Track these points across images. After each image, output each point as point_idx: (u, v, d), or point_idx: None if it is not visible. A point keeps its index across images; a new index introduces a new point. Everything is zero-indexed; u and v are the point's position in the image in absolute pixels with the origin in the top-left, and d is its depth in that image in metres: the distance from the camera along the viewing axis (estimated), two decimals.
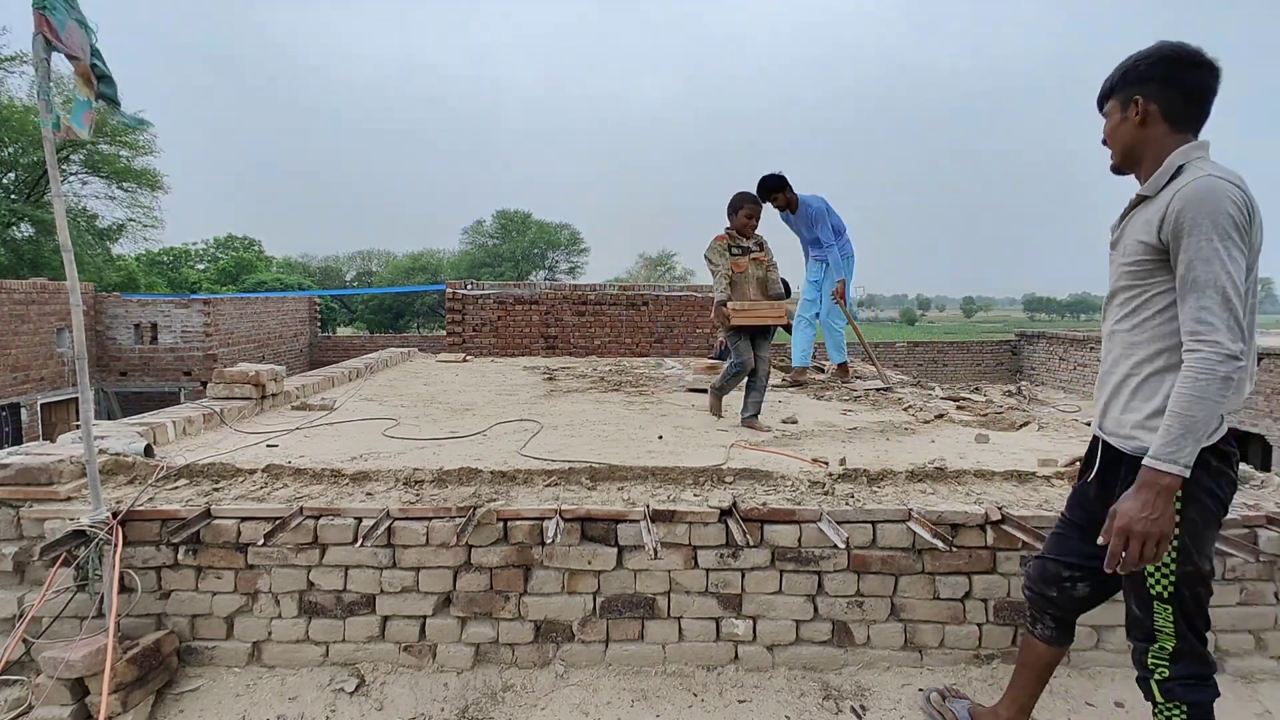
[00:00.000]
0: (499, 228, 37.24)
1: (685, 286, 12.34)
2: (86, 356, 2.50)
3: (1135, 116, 1.68)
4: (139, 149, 19.22)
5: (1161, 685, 1.68)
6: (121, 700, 2.25)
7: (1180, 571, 1.63)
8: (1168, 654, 1.68)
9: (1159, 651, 1.69)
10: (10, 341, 11.25)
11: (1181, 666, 1.67)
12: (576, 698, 2.44)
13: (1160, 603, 1.66)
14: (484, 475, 2.82)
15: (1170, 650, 1.67)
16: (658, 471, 2.88)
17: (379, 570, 2.56)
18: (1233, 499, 1.69)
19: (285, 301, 17.96)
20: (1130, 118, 1.69)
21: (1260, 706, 2.41)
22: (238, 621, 2.58)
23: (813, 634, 2.59)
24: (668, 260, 41.17)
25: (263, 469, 2.89)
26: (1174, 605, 1.65)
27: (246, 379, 4.37)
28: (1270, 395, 11.26)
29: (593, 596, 2.58)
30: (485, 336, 11.70)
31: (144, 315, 13.97)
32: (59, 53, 2.27)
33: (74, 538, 2.41)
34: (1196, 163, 1.60)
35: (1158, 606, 1.66)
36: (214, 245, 34.72)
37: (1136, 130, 1.69)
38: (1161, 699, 1.68)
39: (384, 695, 2.45)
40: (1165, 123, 1.66)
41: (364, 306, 32.76)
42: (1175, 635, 1.66)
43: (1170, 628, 1.66)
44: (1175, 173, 1.62)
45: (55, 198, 2.44)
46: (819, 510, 2.57)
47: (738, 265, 4.04)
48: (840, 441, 3.66)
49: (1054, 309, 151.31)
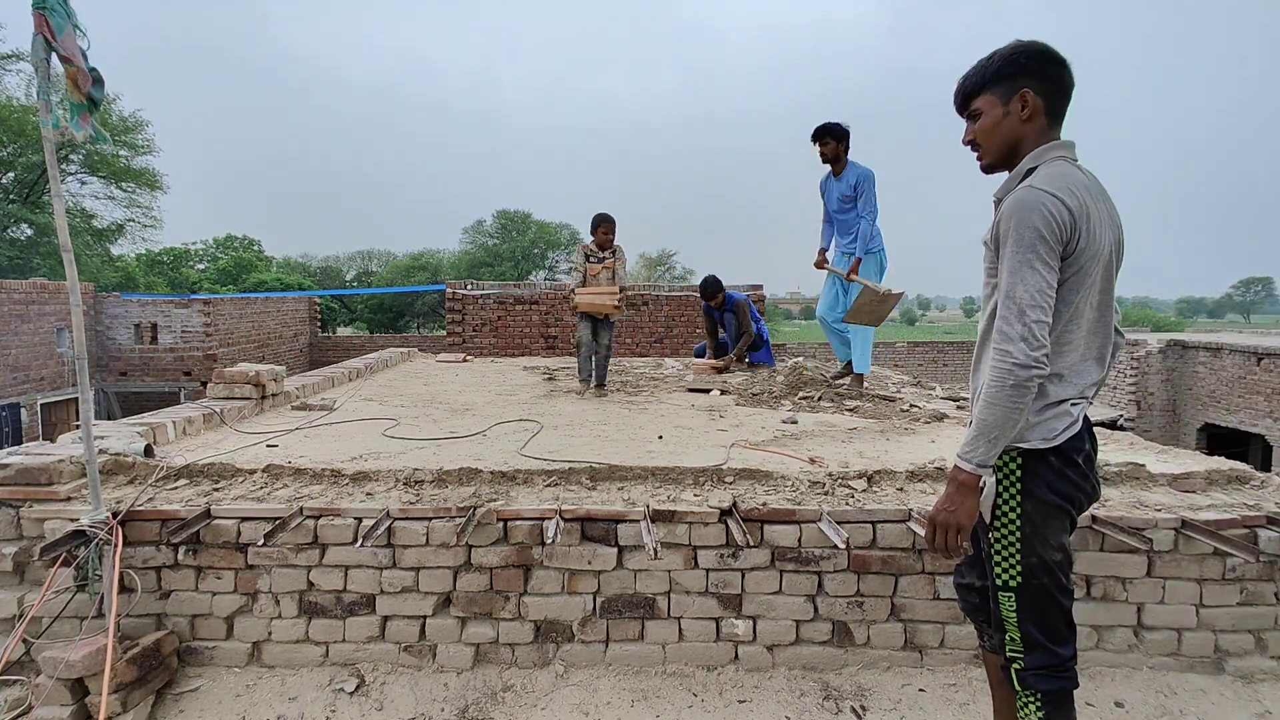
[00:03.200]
0: (499, 228, 37.23)
1: (685, 286, 12.34)
2: (86, 356, 2.50)
3: (1022, 110, 1.65)
4: (138, 149, 19.20)
5: (1019, 675, 1.73)
6: (121, 700, 2.25)
7: (1025, 562, 1.67)
8: (1019, 643, 1.72)
9: (1012, 641, 1.74)
10: (10, 341, 11.24)
11: (1035, 657, 1.71)
12: (576, 698, 2.44)
13: (1004, 592, 1.71)
14: (484, 475, 2.82)
15: (1018, 640, 1.72)
16: (658, 471, 2.88)
17: (379, 570, 2.56)
18: (1090, 494, 1.72)
19: (285, 301, 17.95)
20: (1014, 111, 1.66)
21: (1260, 706, 2.41)
22: (238, 622, 2.58)
23: (813, 634, 2.59)
24: (667, 260, 41.17)
25: (263, 469, 2.89)
26: (1016, 594, 1.70)
27: (246, 379, 4.36)
28: (1270, 395, 11.26)
29: (593, 596, 2.59)
30: (485, 336, 11.70)
31: (144, 315, 13.96)
32: (55, 53, 2.27)
33: (74, 538, 2.41)
34: (1044, 166, 1.62)
35: (1002, 596, 1.72)
36: (214, 245, 34.69)
37: (1020, 125, 1.66)
38: (1019, 688, 1.73)
39: (384, 695, 2.45)
40: (1045, 117, 1.65)
41: (364, 306, 32.74)
42: (1017, 624, 1.71)
43: (1014, 616, 1.71)
44: (1024, 176, 1.64)
45: (55, 198, 2.44)
46: (819, 510, 2.57)
47: (591, 270, 5.37)
48: (840, 441, 3.66)
49: None
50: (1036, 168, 1.63)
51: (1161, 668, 2.56)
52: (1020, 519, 1.66)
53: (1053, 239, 1.54)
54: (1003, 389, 1.55)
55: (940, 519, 1.65)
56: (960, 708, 2.39)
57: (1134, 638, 2.57)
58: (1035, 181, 1.58)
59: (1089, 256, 1.59)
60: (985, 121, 1.70)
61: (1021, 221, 1.55)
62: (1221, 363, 12.29)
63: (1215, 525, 2.50)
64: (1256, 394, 11.51)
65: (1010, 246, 1.57)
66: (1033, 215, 1.54)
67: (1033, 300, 1.54)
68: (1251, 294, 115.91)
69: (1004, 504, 1.69)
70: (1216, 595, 2.55)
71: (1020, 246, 1.55)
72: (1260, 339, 13.63)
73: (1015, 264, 1.56)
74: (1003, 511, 1.69)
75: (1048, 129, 1.66)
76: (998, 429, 1.58)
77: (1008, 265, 1.57)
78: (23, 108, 16.86)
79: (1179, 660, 2.56)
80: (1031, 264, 1.54)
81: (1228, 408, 12.13)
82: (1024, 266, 1.55)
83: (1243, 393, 11.79)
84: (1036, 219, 1.53)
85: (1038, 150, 1.65)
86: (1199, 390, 12.82)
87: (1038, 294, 1.54)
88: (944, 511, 1.64)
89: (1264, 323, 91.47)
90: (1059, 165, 1.63)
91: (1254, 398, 11.56)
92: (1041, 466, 1.65)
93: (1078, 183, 1.59)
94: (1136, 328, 28.57)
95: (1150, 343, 13.54)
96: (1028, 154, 1.67)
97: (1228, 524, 2.52)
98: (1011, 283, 1.56)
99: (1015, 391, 1.55)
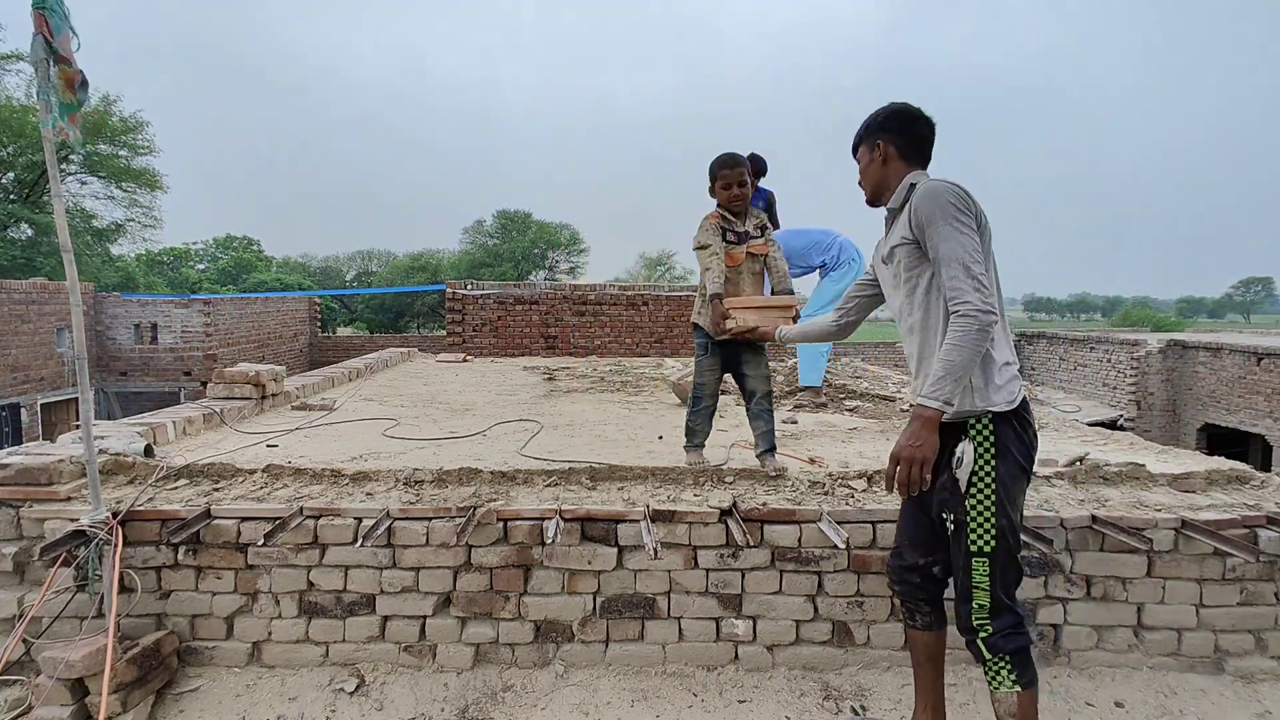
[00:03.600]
0: (499, 228, 37.21)
1: (685, 287, 12.34)
2: (86, 356, 2.50)
3: (879, 156, 2.05)
4: (137, 149, 19.20)
5: (986, 641, 1.85)
6: (121, 700, 2.25)
7: (999, 524, 1.82)
8: (986, 610, 1.85)
9: (979, 610, 1.86)
10: (10, 341, 11.24)
11: (1002, 619, 1.85)
12: (576, 698, 2.44)
13: (978, 558, 1.84)
14: (484, 475, 2.82)
15: (987, 606, 1.85)
16: (658, 471, 2.88)
17: (379, 570, 2.56)
18: (1035, 459, 1.91)
19: (285, 301, 17.96)
20: (875, 158, 2.05)
21: (1260, 706, 2.41)
22: (238, 622, 2.58)
23: (813, 634, 2.59)
24: (668, 260, 41.13)
25: (263, 469, 2.89)
26: (992, 559, 1.83)
27: (246, 379, 4.37)
28: (1270, 395, 11.26)
29: (593, 596, 2.59)
30: (485, 336, 11.70)
31: (144, 315, 13.96)
32: (54, 54, 2.27)
33: (74, 538, 2.41)
34: (920, 181, 1.94)
35: (975, 563, 1.85)
36: (214, 245, 34.71)
37: (880, 168, 2.05)
38: (989, 655, 1.85)
39: (384, 695, 2.45)
40: (900, 159, 2.03)
41: (364, 306, 32.75)
42: (989, 589, 1.84)
43: (985, 582, 1.84)
44: (909, 190, 1.95)
45: (55, 198, 2.44)
46: (819, 510, 2.57)
47: (732, 258, 3.09)
48: (840, 441, 3.66)
49: (1054, 309, 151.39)
50: (916, 183, 1.94)
51: (1161, 668, 2.56)
52: (995, 482, 1.81)
53: (965, 209, 1.83)
54: (968, 333, 1.76)
55: (905, 454, 1.81)
56: (960, 708, 2.39)
57: (1134, 638, 2.57)
58: (926, 181, 1.90)
59: (986, 229, 1.87)
60: (860, 167, 2.13)
61: (937, 200, 1.83)
62: (1221, 363, 12.29)
63: (1215, 525, 2.50)
64: (1256, 394, 11.51)
65: (937, 223, 1.82)
66: (946, 194, 1.83)
67: (971, 257, 1.79)
68: (1251, 294, 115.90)
69: (979, 468, 1.82)
70: (1216, 595, 2.55)
71: (945, 218, 1.81)
72: (1260, 339, 13.63)
73: (946, 233, 1.81)
74: (979, 477, 1.82)
75: (905, 168, 2.03)
76: (962, 369, 1.77)
77: (940, 236, 1.82)
78: (22, 108, 16.85)
79: (1179, 660, 2.56)
80: (959, 230, 1.80)
81: (1228, 408, 12.13)
82: (955, 233, 1.80)
83: (1243, 393, 11.80)
84: (950, 195, 1.83)
85: (913, 174, 2.00)
86: (1199, 390, 12.82)
87: (974, 251, 1.80)
88: (909, 447, 1.81)
89: (1264, 323, 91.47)
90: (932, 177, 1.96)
91: (1254, 398, 11.56)
92: (1008, 428, 1.83)
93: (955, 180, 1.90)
94: (1137, 328, 28.54)
95: (1150, 343, 13.54)
96: (894, 186, 2.03)
97: (1228, 524, 2.52)
98: (949, 248, 1.80)
99: (979, 335, 1.76)
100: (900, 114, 2.04)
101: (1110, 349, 14.13)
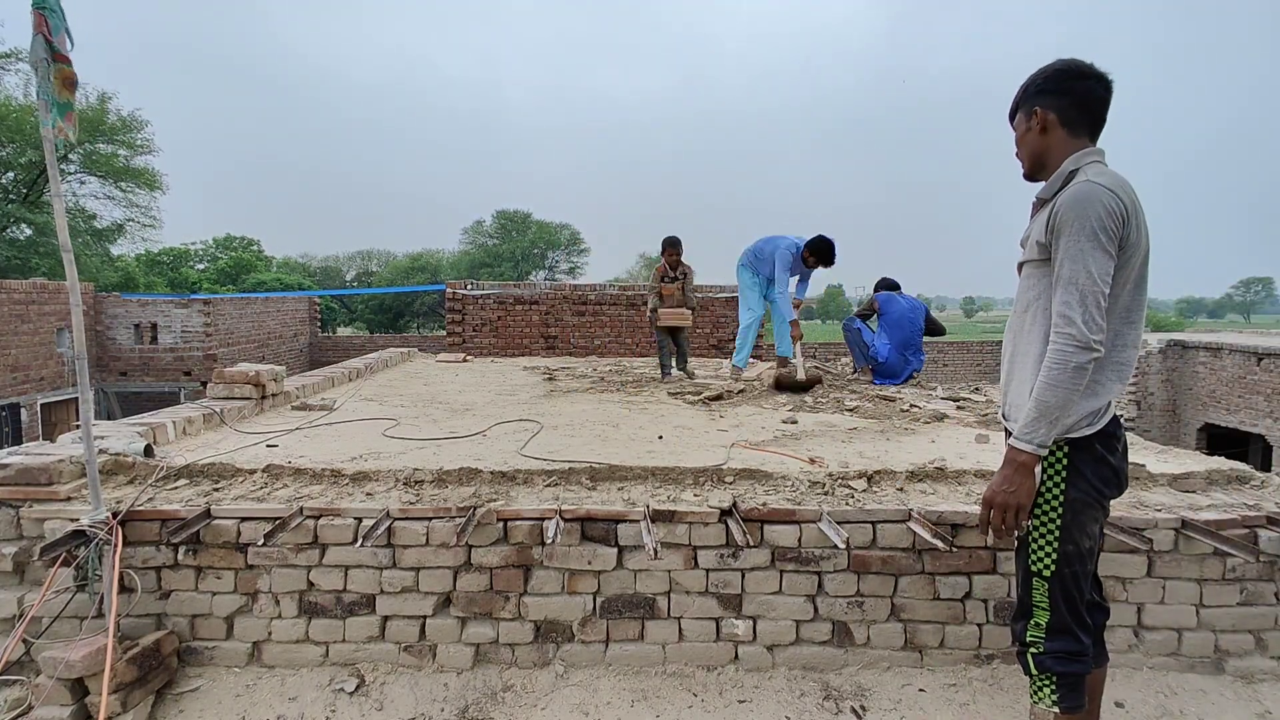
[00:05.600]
0: (499, 228, 37.21)
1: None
2: (86, 356, 2.50)
3: (1036, 125, 1.82)
4: (136, 148, 19.19)
5: (1036, 659, 1.79)
6: (121, 700, 2.25)
7: (1062, 550, 1.74)
8: (1043, 629, 1.79)
9: (1035, 627, 1.80)
10: (10, 341, 11.24)
11: (1057, 642, 1.77)
12: (576, 698, 2.44)
13: (1039, 579, 1.78)
14: (484, 475, 2.82)
15: (1045, 625, 1.78)
16: (658, 471, 2.88)
17: (379, 570, 2.56)
18: (1122, 484, 1.79)
19: (285, 301, 17.95)
20: (1033, 127, 1.82)
21: (1260, 706, 2.41)
22: (238, 622, 2.58)
23: (813, 634, 2.59)
24: None
25: (263, 469, 2.89)
26: (1052, 582, 1.76)
27: (246, 379, 4.36)
28: (1270, 395, 11.26)
29: (593, 596, 2.58)
30: (485, 336, 11.71)
31: (144, 315, 13.96)
32: (52, 53, 2.27)
33: (74, 538, 2.41)
34: (1086, 168, 1.73)
35: (1036, 583, 1.78)
36: (213, 245, 34.69)
37: (1039, 138, 1.82)
38: (1036, 671, 1.79)
39: (384, 695, 2.45)
40: (1063, 128, 1.79)
41: (364, 306, 32.76)
42: (1050, 609, 1.77)
43: (1045, 602, 1.78)
44: (1068, 178, 1.74)
45: (55, 197, 2.44)
46: (819, 510, 2.57)
47: (666, 290, 6.33)
48: (840, 441, 3.66)
49: None
50: (1078, 169, 1.73)
51: (1161, 668, 2.56)
52: (1062, 507, 1.73)
53: (1113, 228, 1.63)
54: (1064, 370, 1.63)
55: (999, 500, 1.72)
56: (960, 708, 2.39)
57: (1134, 638, 2.57)
58: (1090, 177, 1.68)
59: (1136, 250, 1.68)
60: (1017, 136, 1.89)
61: (1082, 212, 1.63)
62: (1221, 363, 12.29)
63: (1215, 525, 2.50)
64: (1256, 394, 11.51)
65: (1070, 235, 1.65)
66: (1094, 206, 1.63)
67: (1094, 285, 1.62)
68: (1251, 294, 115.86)
69: (1047, 492, 1.74)
70: (1216, 595, 2.55)
71: (1081, 234, 1.63)
72: (1260, 339, 13.62)
73: (1076, 251, 1.64)
74: (1045, 500, 1.74)
75: (1069, 139, 1.78)
76: (1059, 409, 1.65)
77: (1068, 253, 1.65)
78: (21, 107, 16.83)
79: (1179, 660, 2.56)
80: (1092, 251, 1.63)
81: (1228, 408, 12.13)
82: (1086, 253, 1.63)
83: (1243, 393, 11.79)
84: (1098, 209, 1.63)
85: (1073, 156, 1.76)
86: (1199, 390, 12.82)
87: (1100, 279, 1.63)
88: (1003, 492, 1.71)
89: (1264, 323, 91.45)
90: (1100, 166, 1.74)
91: (1254, 398, 11.56)
92: (1086, 454, 1.72)
93: (1126, 182, 1.69)
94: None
95: (1150, 343, 13.54)
96: (1056, 162, 1.79)
97: (1228, 524, 2.52)
98: (1073, 269, 1.64)
99: (1076, 373, 1.63)
100: (1066, 71, 1.77)
101: None
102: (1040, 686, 1.78)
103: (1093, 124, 1.79)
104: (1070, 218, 1.65)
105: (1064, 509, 1.73)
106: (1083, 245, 1.63)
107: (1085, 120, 1.78)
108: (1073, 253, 1.64)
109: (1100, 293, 1.62)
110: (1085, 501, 1.73)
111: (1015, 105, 1.89)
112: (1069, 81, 1.77)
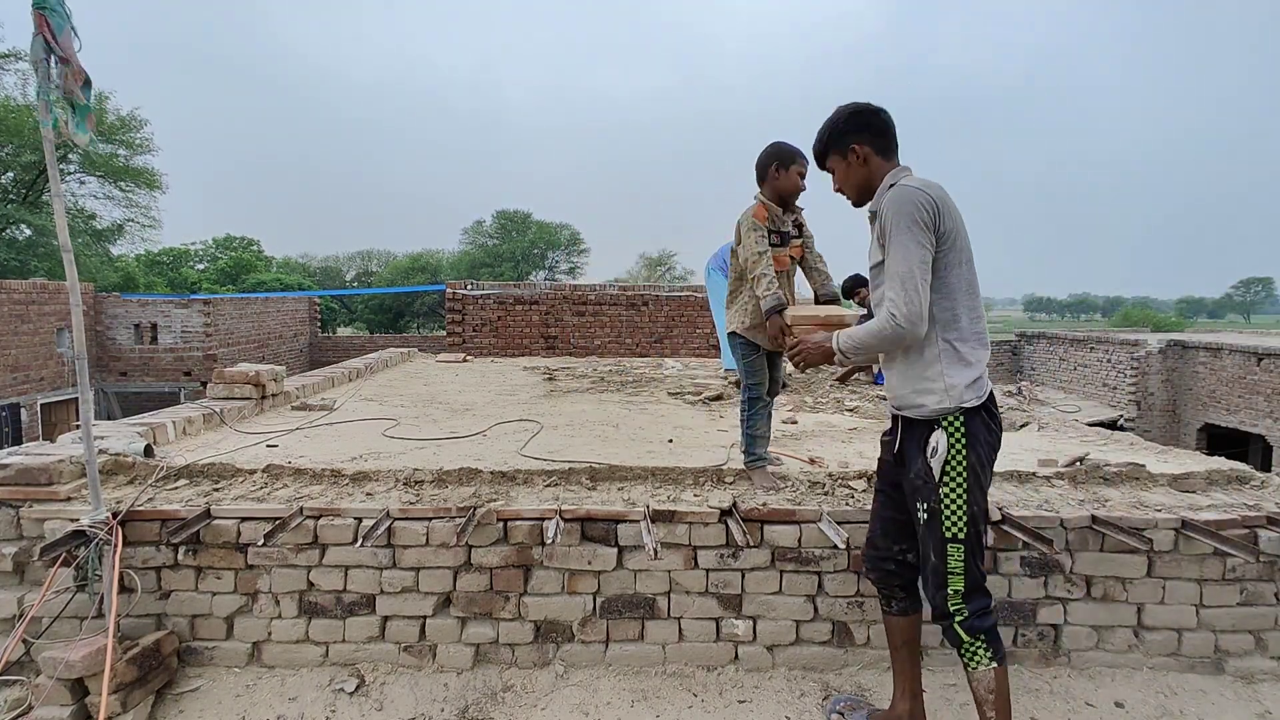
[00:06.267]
0: (499, 228, 37.20)
1: (685, 287, 12.33)
2: (86, 356, 2.50)
3: (857, 160, 2.09)
4: (136, 148, 19.17)
5: (964, 625, 1.94)
6: (121, 700, 2.25)
7: (970, 512, 1.92)
8: (961, 594, 1.95)
9: (954, 595, 1.95)
10: (10, 341, 11.24)
11: (975, 602, 1.95)
12: (576, 698, 2.44)
13: (954, 544, 1.93)
14: (484, 475, 2.82)
15: (962, 590, 1.95)
16: (658, 472, 2.88)
17: (379, 570, 2.56)
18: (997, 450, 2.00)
19: (285, 301, 17.95)
20: (853, 162, 2.09)
21: (1260, 706, 2.41)
22: (238, 622, 2.58)
23: (813, 634, 2.59)
24: (668, 260, 41.12)
25: (263, 469, 2.89)
26: (964, 545, 1.93)
27: (246, 379, 4.37)
28: (1270, 395, 11.25)
29: (593, 597, 2.58)
30: (485, 336, 11.70)
31: (144, 315, 13.96)
32: (54, 54, 2.26)
33: (74, 538, 2.41)
34: (901, 181, 1.98)
35: (951, 549, 1.94)
36: (213, 245, 34.67)
37: (862, 169, 2.09)
38: (968, 637, 1.94)
39: (384, 695, 2.45)
40: (877, 155, 2.08)
41: (364, 306, 32.75)
42: (964, 573, 1.94)
43: (960, 566, 1.94)
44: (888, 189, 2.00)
45: (55, 198, 2.44)
46: (819, 510, 2.57)
47: (778, 258, 2.82)
48: (840, 441, 3.66)
49: (1054, 309, 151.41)
50: (896, 183, 1.98)
51: (1162, 668, 2.55)
52: (967, 470, 1.92)
53: (924, 221, 1.88)
54: (883, 336, 1.93)
55: (801, 348, 2.14)
56: (960, 708, 2.39)
57: (1134, 638, 2.57)
58: (907, 182, 1.95)
59: (954, 234, 1.93)
60: (838, 175, 2.16)
61: (899, 209, 1.90)
62: (1221, 363, 12.29)
63: (1215, 525, 2.50)
64: (1256, 394, 11.51)
65: (891, 233, 1.91)
66: (905, 205, 1.90)
67: (910, 272, 1.88)
68: (1251, 294, 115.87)
69: (952, 458, 1.92)
70: (1216, 595, 2.55)
71: (899, 230, 1.90)
72: (1260, 339, 13.63)
73: (896, 245, 1.90)
74: (952, 466, 1.92)
75: (884, 162, 2.08)
76: (865, 350, 2.02)
77: (890, 247, 1.91)
78: (20, 108, 16.81)
79: (1179, 660, 2.56)
80: (907, 244, 1.88)
81: (1228, 408, 12.13)
82: (903, 246, 1.89)
83: (1243, 393, 11.79)
84: (909, 207, 1.89)
85: (890, 173, 2.05)
86: (1199, 390, 12.82)
87: (917, 266, 1.88)
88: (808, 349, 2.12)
89: (1264, 323, 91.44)
90: (911, 175, 2.03)
91: (1254, 398, 11.56)
92: (978, 420, 1.95)
93: (934, 183, 1.96)
94: (1137, 328, 28.53)
95: (1150, 343, 13.54)
96: (879, 183, 2.06)
97: (1228, 524, 2.52)
98: (894, 260, 1.90)
99: (893, 339, 1.93)
100: (858, 112, 2.09)
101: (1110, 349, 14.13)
102: (975, 650, 1.92)
103: (893, 146, 2.08)
104: (891, 216, 1.91)
105: (968, 472, 1.92)
106: (903, 239, 1.89)
107: (889, 145, 2.08)
108: (892, 247, 1.91)
109: (919, 279, 1.87)
110: (982, 463, 1.94)
111: (823, 150, 2.16)
112: (865, 119, 2.07)
